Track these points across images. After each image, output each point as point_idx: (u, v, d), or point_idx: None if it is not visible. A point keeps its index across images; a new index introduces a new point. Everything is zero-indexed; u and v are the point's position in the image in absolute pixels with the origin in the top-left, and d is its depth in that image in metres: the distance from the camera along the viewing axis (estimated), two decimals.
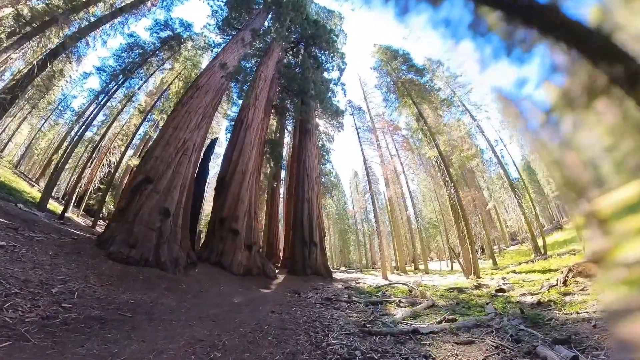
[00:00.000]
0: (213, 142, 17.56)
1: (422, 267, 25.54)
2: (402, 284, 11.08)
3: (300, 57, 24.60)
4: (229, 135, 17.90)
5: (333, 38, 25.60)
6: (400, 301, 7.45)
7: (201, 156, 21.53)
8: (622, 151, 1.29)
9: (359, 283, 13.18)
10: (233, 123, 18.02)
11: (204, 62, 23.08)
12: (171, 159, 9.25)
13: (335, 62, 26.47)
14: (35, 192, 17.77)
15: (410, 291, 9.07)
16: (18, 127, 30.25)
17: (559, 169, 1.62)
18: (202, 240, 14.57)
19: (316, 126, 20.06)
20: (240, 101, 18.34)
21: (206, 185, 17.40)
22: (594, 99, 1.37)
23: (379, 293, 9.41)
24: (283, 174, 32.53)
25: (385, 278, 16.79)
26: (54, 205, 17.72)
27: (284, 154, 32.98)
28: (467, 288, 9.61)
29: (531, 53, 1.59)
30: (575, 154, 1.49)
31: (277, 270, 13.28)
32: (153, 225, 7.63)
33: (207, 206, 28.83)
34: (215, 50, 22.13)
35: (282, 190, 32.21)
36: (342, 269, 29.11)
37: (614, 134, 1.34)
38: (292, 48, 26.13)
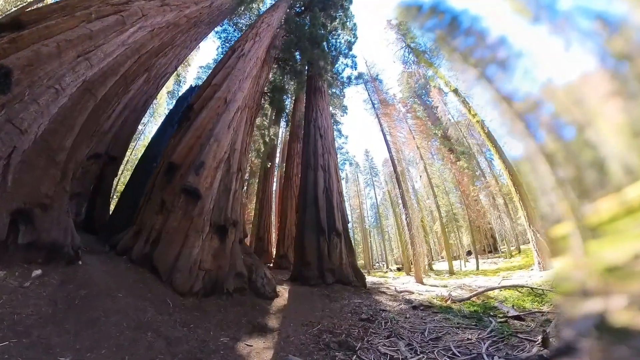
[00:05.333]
0: (191, 89, 11.67)
1: (435, 267, 20.33)
2: (511, 286, 5.57)
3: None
4: None
5: (345, 4, 20.61)
6: None
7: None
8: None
9: (407, 293, 7.59)
10: None
11: None
12: None
13: (345, 35, 21.48)
14: None
15: None
16: None
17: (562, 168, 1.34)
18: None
19: (329, 84, 14.65)
20: None
21: None
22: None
23: (504, 308, 3.93)
24: (277, 160, 26.88)
25: (420, 282, 11.35)
26: None
27: (279, 140, 27.39)
28: None
29: None
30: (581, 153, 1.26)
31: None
32: None
33: None
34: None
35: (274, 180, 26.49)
36: None
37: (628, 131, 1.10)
38: (297, 15, 20.94)
